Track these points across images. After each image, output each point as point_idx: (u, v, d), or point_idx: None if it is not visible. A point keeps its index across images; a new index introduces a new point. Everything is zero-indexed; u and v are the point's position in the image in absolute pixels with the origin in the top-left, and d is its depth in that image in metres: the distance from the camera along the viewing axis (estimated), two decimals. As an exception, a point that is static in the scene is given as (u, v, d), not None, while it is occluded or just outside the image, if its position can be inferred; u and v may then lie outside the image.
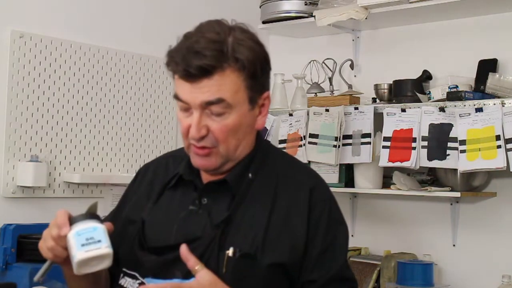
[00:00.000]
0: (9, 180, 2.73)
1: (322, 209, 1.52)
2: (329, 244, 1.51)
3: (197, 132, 1.45)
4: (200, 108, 1.44)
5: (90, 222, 1.39)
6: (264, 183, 1.53)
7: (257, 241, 1.45)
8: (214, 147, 1.48)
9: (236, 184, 1.51)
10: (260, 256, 1.45)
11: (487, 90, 2.79)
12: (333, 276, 1.50)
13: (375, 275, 3.03)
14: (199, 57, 1.41)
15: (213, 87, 1.43)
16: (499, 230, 2.99)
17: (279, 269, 1.47)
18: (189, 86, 1.44)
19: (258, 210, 1.49)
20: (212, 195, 1.53)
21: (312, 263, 1.49)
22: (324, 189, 1.58)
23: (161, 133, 3.30)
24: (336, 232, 1.53)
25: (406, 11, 3.04)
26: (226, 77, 1.43)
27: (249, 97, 1.48)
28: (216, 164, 1.50)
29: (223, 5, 3.48)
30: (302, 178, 1.57)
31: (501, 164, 2.66)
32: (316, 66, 3.40)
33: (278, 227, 1.48)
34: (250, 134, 1.54)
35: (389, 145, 2.95)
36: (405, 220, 3.26)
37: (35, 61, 2.82)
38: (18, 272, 2.47)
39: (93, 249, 1.35)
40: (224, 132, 1.46)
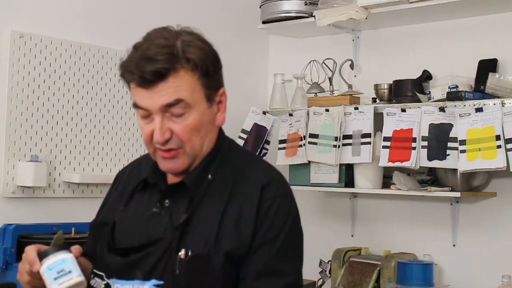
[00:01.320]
0: (9, 180, 2.73)
1: (269, 207, 1.52)
2: (269, 239, 1.49)
3: (161, 135, 1.48)
4: (160, 112, 1.47)
5: (59, 254, 1.46)
6: (222, 183, 1.55)
7: (209, 241, 1.48)
8: (180, 147, 1.51)
9: (194, 186, 1.54)
10: (213, 254, 1.47)
11: (487, 90, 2.79)
12: (263, 271, 1.47)
13: (375, 275, 3.03)
14: (152, 63, 1.45)
15: (170, 89, 1.46)
16: (499, 230, 2.99)
17: (232, 265, 1.47)
18: (146, 93, 1.47)
19: (214, 210, 1.52)
20: (173, 197, 1.56)
21: (249, 258, 1.48)
22: (276, 187, 1.56)
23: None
24: (280, 228, 1.51)
25: (406, 11, 3.04)
26: (181, 78, 1.47)
27: (205, 95, 1.52)
28: (184, 165, 1.53)
29: (223, 5, 3.48)
30: (257, 175, 1.57)
31: (501, 164, 2.66)
32: (316, 66, 3.40)
33: (231, 224, 1.49)
34: (211, 131, 1.57)
35: (389, 145, 2.95)
36: (405, 220, 3.26)
37: (35, 61, 2.82)
38: (18, 272, 2.47)
39: (66, 280, 1.43)
40: (187, 132, 1.49)
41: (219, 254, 1.47)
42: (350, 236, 3.41)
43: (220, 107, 1.58)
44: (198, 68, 1.49)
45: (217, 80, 1.56)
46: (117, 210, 1.64)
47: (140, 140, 3.20)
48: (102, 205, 1.75)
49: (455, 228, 3.09)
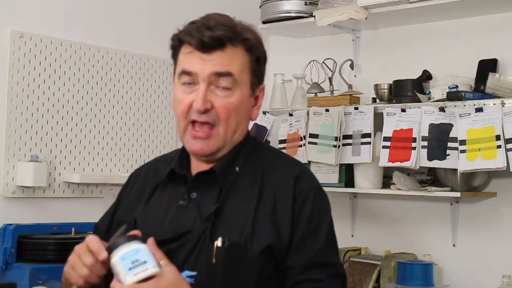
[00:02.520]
0: (9, 180, 2.73)
1: (305, 197, 1.53)
2: (310, 231, 1.51)
3: (203, 104, 1.48)
4: (207, 81, 1.48)
5: (132, 244, 1.38)
6: (250, 175, 1.55)
7: (245, 231, 1.47)
8: (214, 125, 1.51)
9: (223, 176, 1.53)
10: (250, 244, 1.46)
11: (487, 90, 2.79)
12: (311, 262, 1.49)
13: (375, 275, 3.03)
14: (214, 30, 1.48)
15: (224, 60, 1.49)
16: (499, 230, 2.98)
17: (268, 256, 1.48)
18: (200, 58, 1.49)
19: (246, 200, 1.51)
20: (200, 189, 1.55)
21: (293, 249, 1.50)
22: (309, 178, 1.59)
23: (161, 133, 3.30)
24: (318, 220, 1.53)
25: (406, 11, 3.04)
26: (236, 53, 1.51)
27: (251, 82, 1.55)
28: (213, 148, 1.53)
29: (223, 5, 3.48)
30: (288, 167, 1.59)
31: (501, 164, 2.66)
32: (316, 66, 3.40)
33: (265, 215, 1.50)
34: (246, 121, 1.59)
35: (389, 145, 2.95)
36: (405, 220, 3.26)
37: (35, 61, 2.82)
38: (18, 272, 2.47)
39: (141, 271, 1.35)
40: (227, 110, 1.50)
41: (257, 244, 1.46)
42: (350, 236, 3.41)
43: (256, 102, 1.60)
44: (252, 51, 1.53)
45: (262, 73, 1.59)
46: (137, 208, 1.62)
47: (141, 140, 3.20)
48: (115, 204, 1.73)
49: (455, 228, 3.09)
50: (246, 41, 1.52)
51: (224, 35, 1.48)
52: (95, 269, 1.43)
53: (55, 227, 2.69)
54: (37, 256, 2.54)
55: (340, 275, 1.54)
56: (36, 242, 2.58)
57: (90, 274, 1.43)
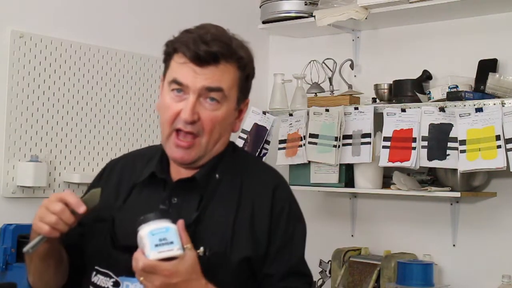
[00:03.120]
0: (9, 180, 2.73)
1: (282, 207, 1.58)
2: (287, 240, 1.56)
3: (191, 115, 1.50)
4: (197, 93, 1.51)
5: (163, 222, 1.40)
6: (230, 182, 1.58)
7: (225, 239, 1.51)
8: (198, 136, 1.53)
9: (204, 183, 1.56)
10: (229, 253, 1.50)
11: (487, 90, 2.79)
12: (289, 271, 1.55)
13: (375, 275, 3.03)
14: (210, 45, 1.50)
15: (216, 75, 1.51)
16: (499, 230, 2.99)
17: (246, 264, 1.52)
18: (193, 70, 1.51)
19: (225, 209, 1.55)
20: (181, 195, 1.56)
21: (271, 258, 1.54)
22: (286, 189, 1.65)
23: (161, 133, 3.29)
24: (294, 229, 1.59)
25: (406, 11, 3.04)
26: (229, 70, 1.53)
27: (237, 97, 1.58)
28: (193, 157, 1.55)
29: (223, 5, 3.48)
30: (266, 177, 1.64)
31: (501, 164, 2.66)
32: (316, 66, 3.40)
33: (244, 224, 1.54)
34: (228, 133, 1.62)
35: (389, 145, 2.95)
36: (405, 220, 3.26)
37: (35, 61, 2.82)
38: (18, 272, 2.47)
39: (166, 250, 1.38)
40: (212, 123, 1.53)
41: (235, 254, 1.50)
42: (350, 236, 3.41)
43: (240, 115, 1.63)
44: (245, 69, 1.57)
45: (248, 89, 1.64)
46: (114, 206, 1.61)
47: (141, 140, 3.20)
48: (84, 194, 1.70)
49: (455, 228, 3.09)
50: (240, 59, 1.55)
51: (220, 52, 1.50)
52: (64, 217, 1.45)
53: (55, 227, 2.68)
54: (37, 256, 2.54)
55: (310, 284, 1.62)
56: (36, 242, 2.57)
57: (58, 221, 1.45)
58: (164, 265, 1.36)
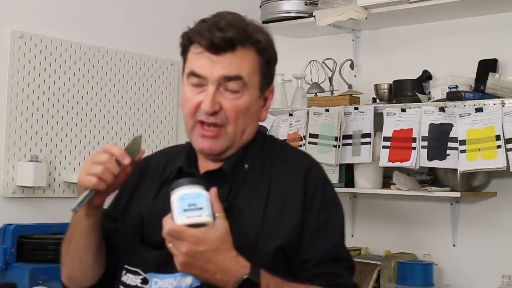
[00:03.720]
0: (9, 180, 2.73)
1: (315, 189, 1.52)
2: (322, 223, 1.50)
3: (212, 106, 1.46)
4: (216, 83, 1.47)
5: (195, 188, 1.35)
6: (260, 171, 1.54)
7: (256, 230, 1.46)
8: (223, 125, 1.49)
9: (232, 174, 1.52)
10: (260, 243, 1.45)
11: (487, 90, 2.79)
12: (326, 256, 1.49)
13: (375, 275, 3.03)
14: (225, 31, 1.46)
15: (234, 63, 1.47)
16: (499, 230, 2.98)
17: (281, 253, 1.46)
18: (210, 60, 1.47)
19: (255, 198, 1.50)
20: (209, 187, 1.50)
21: (306, 243, 1.48)
22: (318, 170, 1.58)
23: (161, 133, 3.30)
24: (329, 212, 1.52)
25: (406, 11, 3.04)
26: (247, 55, 1.49)
27: (260, 84, 1.53)
28: (221, 147, 1.51)
29: (223, 5, 3.48)
30: (297, 160, 1.58)
31: (501, 164, 2.66)
32: (316, 66, 3.40)
33: (276, 212, 1.48)
34: (255, 122, 1.57)
35: (389, 145, 2.95)
36: (405, 220, 3.26)
37: (35, 61, 2.82)
38: (18, 272, 2.47)
39: (194, 215, 1.32)
40: (236, 112, 1.48)
41: (268, 243, 1.45)
42: (350, 236, 3.41)
43: (265, 103, 1.58)
44: (263, 53, 1.51)
45: (272, 75, 1.58)
46: (145, 203, 1.59)
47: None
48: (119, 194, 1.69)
49: (455, 228, 3.09)
50: (257, 43, 1.50)
51: (235, 37, 1.46)
52: (110, 166, 1.43)
53: (55, 227, 2.69)
54: (37, 256, 2.54)
55: (352, 268, 1.55)
56: (36, 242, 2.58)
57: (104, 170, 1.43)
58: (191, 231, 1.30)
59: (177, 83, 3.36)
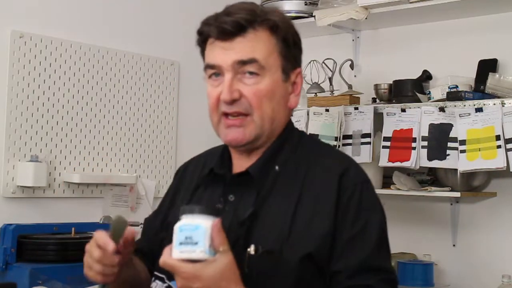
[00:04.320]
0: (9, 180, 2.73)
1: (351, 195, 1.42)
2: (357, 232, 1.40)
3: (229, 93, 1.41)
4: (232, 70, 1.42)
5: (197, 218, 1.27)
6: (292, 174, 1.46)
7: (282, 236, 1.38)
8: (247, 114, 1.43)
9: (260, 177, 1.45)
10: (287, 251, 1.37)
11: (487, 90, 2.79)
12: (359, 267, 1.38)
13: (375, 275, 3.03)
14: (233, 15, 1.43)
15: (246, 47, 1.42)
16: (499, 230, 2.98)
17: (309, 262, 1.38)
18: (222, 47, 1.43)
19: (285, 203, 1.42)
20: (238, 191, 1.46)
21: (338, 253, 1.39)
22: (356, 174, 1.47)
23: (161, 133, 3.30)
24: (366, 219, 1.41)
25: (406, 11, 3.04)
26: (259, 37, 1.44)
27: (282, 65, 1.48)
28: (249, 136, 1.44)
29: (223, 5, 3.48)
30: (332, 163, 1.48)
31: (501, 164, 2.66)
32: (316, 66, 3.40)
33: (306, 218, 1.40)
34: (283, 109, 1.49)
35: (389, 145, 2.95)
36: (405, 220, 3.26)
37: (35, 61, 2.82)
38: (18, 272, 2.47)
39: (187, 250, 1.25)
40: (257, 96, 1.42)
41: (294, 251, 1.37)
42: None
43: (295, 89, 1.52)
44: (278, 32, 1.45)
45: (296, 56, 1.53)
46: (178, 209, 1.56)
47: (141, 140, 3.20)
48: (161, 203, 1.67)
49: (455, 228, 3.09)
50: (268, 21, 1.44)
51: (243, 18, 1.41)
52: (106, 261, 1.36)
53: (55, 227, 2.69)
54: (37, 256, 2.54)
55: (391, 281, 1.44)
56: (36, 242, 2.58)
57: (104, 268, 1.37)
58: (183, 267, 1.24)
59: (177, 83, 3.36)
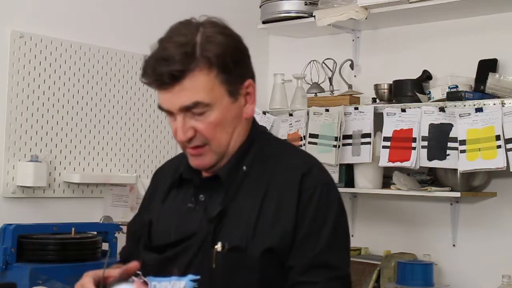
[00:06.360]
0: (9, 180, 2.73)
1: (311, 195, 1.49)
2: (314, 231, 1.47)
3: (184, 134, 1.48)
4: (181, 112, 1.47)
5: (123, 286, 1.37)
6: (258, 174, 1.53)
7: (247, 233, 1.46)
8: (206, 144, 1.50)
9: (228, 179, 1.52)
10: (251, 247, 1.45)
11: (487, 90, 2.79)
12: (311, 263, 1.45)
13: (375, 275, 3.03)
14: (167, 64, 1.43)
15: (187, 91, 1.45)
16: (499, 230, 2.98)
17: (271, 257, 1.45)
18: (165, 94, 1.48)
19: (251, 201, 1.50)
20: (208, 191, 1.55)
21: (294, 249, 1.46)
22: (318, 175, 1.53)
23: (161, 133, 3.30)
24: (323, 219, 1.48)
25: (406, 11, 3.04)
26: (197, 78, 1.45)
27: (227, 91, 1.49)
28: (210, 162, 1.52)
29: (223, 5, 3.48)
30: (296, 163, 1.54)
31: (501, 164, 2.66)
32: (316, 66, 3.40)
33: (270, 215, 1.47)
34: (239, 125, 1.54)
35: (389, 145, 2.95)
36: (405, 220, 3.26)
37: (35, 61, 2.82)
38: (18, 272, 2.46)
39: None
40: (210, 130, 1.48)
41: (258, 246, 1.45)
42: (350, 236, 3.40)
43: (248, 99, 1.55)
44: (214, 65, 1.46)
45: (241, 73, 1.53)
46: (155, 208, 1.64)
47: (140, 140, 3.21)
48: (141, 205, 1.76)
49: (455, 228, 3.09)
50: (203, 59, 1.44)
51: (177, 70, 1.43)
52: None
53: (55, 227, 2.68)
54: (37, 256, 2.54)
55: (341, 278, 1.49)
56: (36, 242, 2.57)
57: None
58: None
59: (177, 83, 3.36)
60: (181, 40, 1.46)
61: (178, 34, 1.48)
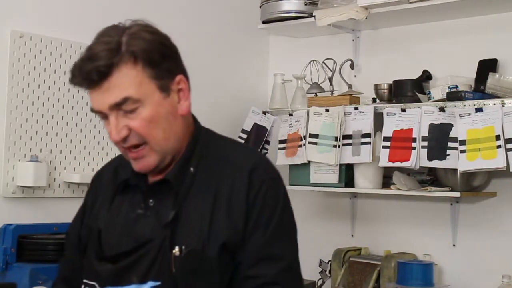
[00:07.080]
0: (9, 180, 2.73)
1: (258, 190, 1.50)
2: (260, 225, 1.48)
3: (117, 134, 1.46)
4: (112, 111, 1.45)
5: None
6: (207, 174, 1.53)
7: (203, 235, 1.46)
8: (143, 143, 1.47)
9: (177, 181, 1.51)
10: (207, 248, 1.45)
11: (487, 90, 2.79)
12: (257, 257, 1.47)
13: (375, 275, 3.03)
14: (92, 62, 1.43)
15: (115, 88, 1.44)
16: (499, 230, 2.99)
17: (227, 255, 1.46)
18: (95, 94, 1.46)
19: (203, 202, 1.49)
20: (157, 195, 1.53)
21: (243, 244, 1.47)
22: (264, 170, 1.55)
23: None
24: (269, 214, 1.50)
25: (406, 11, 3.04)
26: (124, 73, 1.44)
27: (158, 86, 1.47)
28: (154, 162, 1.50)
29: (223, 5, 3.48)
30: (242, 161, 1.55)
31: (501, 164, 2.66)
32: (316, 66, 3.40)
33: (222, 214, 1.48)
34: (175, 122, 1.52)
35: (389, 145, 2.95)
36: (405, 220, 3.26)
37: (35, 61, 2.82)
38: (18, 272, 2.47)
39: None
40: (144, 127, 1.46)
41: (214, 246, 1.45)
42: (350, 236, 3.41)
43: (181, 96, 1.52)
44: (140, 59, 1.45)
45: (169, 69, 1.50)
46: (100, 216, 1.60)
47: (140, 140, 3.20)
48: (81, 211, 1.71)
49: (455, 228, 3.09)
50: (128, 54, 1.44)
51: (103, 65, 1.42)
52: None
53: (55, 227, 2.68)
54: (37, 256, 2.54)
55: (289, 270, 1.50)
56: (36, 242, 2.58)
57: None
58: None
59: (177, 83, 3.36)
60: (106, 40, 1.46)
61: (104, 36, 1.49)
